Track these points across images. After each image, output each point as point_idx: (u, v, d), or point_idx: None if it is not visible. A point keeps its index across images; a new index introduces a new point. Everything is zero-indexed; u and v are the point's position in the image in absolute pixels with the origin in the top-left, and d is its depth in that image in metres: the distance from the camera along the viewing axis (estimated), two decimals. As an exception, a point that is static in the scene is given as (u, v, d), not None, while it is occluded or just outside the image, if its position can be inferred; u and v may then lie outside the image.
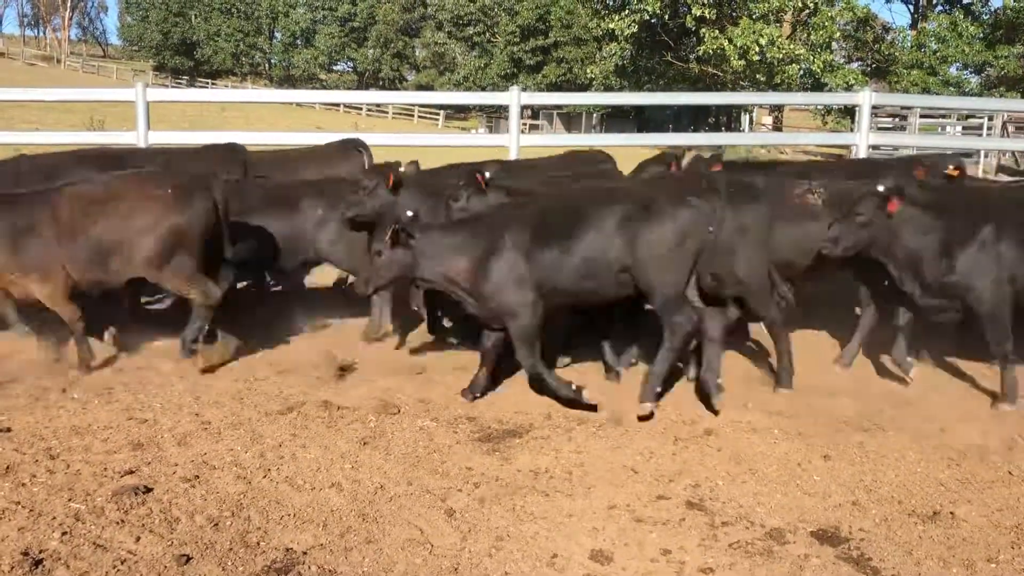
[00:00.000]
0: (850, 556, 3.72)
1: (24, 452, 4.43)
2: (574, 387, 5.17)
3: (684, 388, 5.64)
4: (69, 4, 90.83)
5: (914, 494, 4.28)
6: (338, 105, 54.14)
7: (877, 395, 5.63)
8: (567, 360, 6.06)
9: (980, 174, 22.05)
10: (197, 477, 4.23)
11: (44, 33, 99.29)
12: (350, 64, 69.93)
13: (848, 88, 32.35)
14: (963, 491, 4.32)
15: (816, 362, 6.16)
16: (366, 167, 7.24)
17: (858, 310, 6.36)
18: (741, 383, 5.71)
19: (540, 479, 4.36)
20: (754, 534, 3.87)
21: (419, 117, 56.10)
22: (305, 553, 3.62)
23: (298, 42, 69.80)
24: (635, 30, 37.04)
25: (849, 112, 32.82)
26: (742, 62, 33.35)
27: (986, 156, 23.21)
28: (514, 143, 9.33)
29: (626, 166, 7.41)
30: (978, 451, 4.77)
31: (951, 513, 4.08)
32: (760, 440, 4.88)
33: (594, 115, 49.19)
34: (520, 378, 5.62)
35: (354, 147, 7.78)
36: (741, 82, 35.51)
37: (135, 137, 8.91)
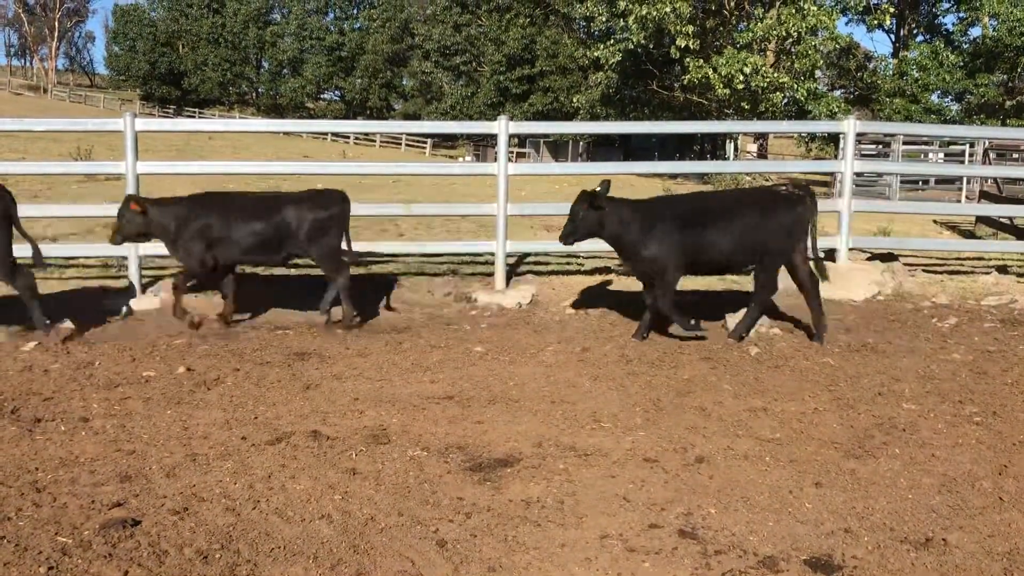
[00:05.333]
0: (844, 584, 3.70)
1: (10, 485, 4.38)
2: None
3: (673, 416, 5.64)
4: (56, 34, 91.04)
5: (906, 521, 4.27)
6: (325, 134, 54.42)
7: (867, 421, 5.64)
8: None
9: (963, 199, 22.32)
10: (186, 509, 4.19)
11: (31, 63, 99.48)
12: (338, 93, 70.28)
13: (832, 115, 32.77)
14: (955, 517, 4.32)
15: (803, 389, 6.18)
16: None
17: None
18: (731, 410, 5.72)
19: (532, 509, 4.33)
20: (747, 563, 3.86)
21: (407, 145, 56.35)
22: (295, 586, 3.58)
23: (285, 71, 70.12)
24: (620, 59, 37.43)
25: (833, 139, 33.21)
26: (727, 90, 33.72)
27: (968, 182, 23.48)
28: (502, 171, 9.36)
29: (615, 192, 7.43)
30: (968, 477, 4.78)
31: (943, 540, 4.08)
32: (751, 467, 4.87)
33: (580, 143, 49.51)
34: (509, 408, 5.59)
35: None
36: (726, 110, 35.88)
37: (124, 167, 8.89)
